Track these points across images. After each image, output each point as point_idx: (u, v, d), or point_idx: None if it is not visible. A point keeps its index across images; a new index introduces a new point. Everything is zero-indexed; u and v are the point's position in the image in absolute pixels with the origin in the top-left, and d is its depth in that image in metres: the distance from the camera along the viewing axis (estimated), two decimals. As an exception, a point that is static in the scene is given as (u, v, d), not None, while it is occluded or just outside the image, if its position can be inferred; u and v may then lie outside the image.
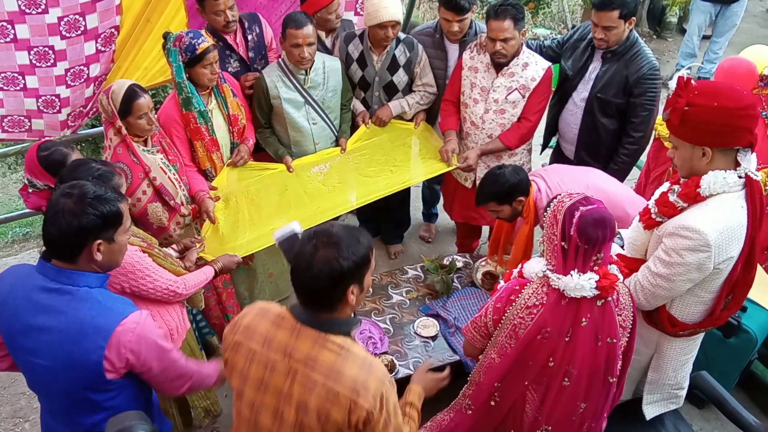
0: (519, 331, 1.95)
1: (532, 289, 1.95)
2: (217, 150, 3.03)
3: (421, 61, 3.42)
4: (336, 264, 1.51)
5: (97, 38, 2.93)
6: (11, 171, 5.47)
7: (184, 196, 2.89)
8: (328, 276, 1.51)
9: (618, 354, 1.99)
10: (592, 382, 1.99)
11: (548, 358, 1.94)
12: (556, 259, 1.91)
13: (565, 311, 1.90)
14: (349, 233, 1.57)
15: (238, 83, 3.19)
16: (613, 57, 3.17)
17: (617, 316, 1.95)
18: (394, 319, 3.03)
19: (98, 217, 1.68)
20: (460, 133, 3.48)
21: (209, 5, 3.03)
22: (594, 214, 1.84)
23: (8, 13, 2.64)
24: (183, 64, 2.80)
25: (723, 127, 1.91)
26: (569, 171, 3.00)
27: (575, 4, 7.83)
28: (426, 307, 3.09)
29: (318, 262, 1.51)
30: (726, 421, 2.50)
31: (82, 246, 1.68)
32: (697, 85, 1.94)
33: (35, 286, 1.72)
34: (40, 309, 1.70)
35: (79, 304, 1.70)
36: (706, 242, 1.94)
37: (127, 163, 2.64)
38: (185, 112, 2.88)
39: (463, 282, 3.26)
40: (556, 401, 2.00)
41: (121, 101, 2.55)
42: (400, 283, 3.26)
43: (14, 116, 3.13)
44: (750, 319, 2.93)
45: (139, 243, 2.29)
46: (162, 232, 2.85)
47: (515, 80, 3.19)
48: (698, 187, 1.99)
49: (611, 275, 1.89)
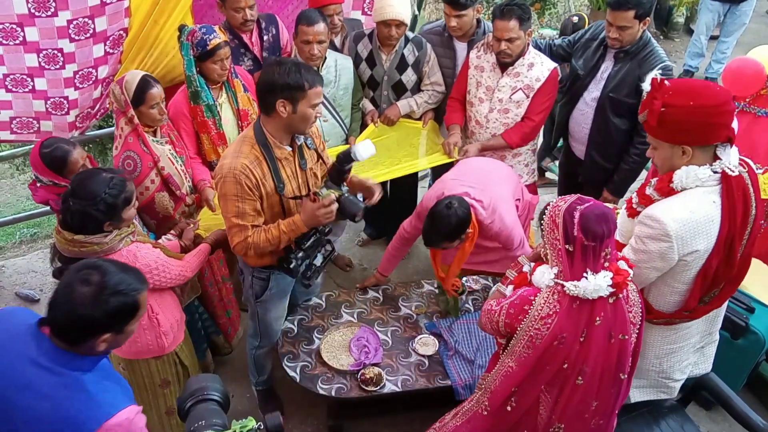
0: (536, 342, 1.94)
1: (543, 299, 1.93)
2: (223, 144, 3.06)
3: (429, 60, 3.43)
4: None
5: (106, 41, 2.95)
6: (19, 172, 5.50)
7: (189, 187, 2.97)
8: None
9: (629, 350, 1.99)
10: (604, 379, 1.99)
11: (563, 361, 1.93)
12: (563, 264, 1.89)
13: (579, 313, 1.89)
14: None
15: (251, 78, 3.22)
16: (625, 57, 3.15)
17: (628, 313, 1.94)
18: (396, 332, 2.93)
19: (114, 313, 1.57)
20: (465, 131, 3.49)
21: (230, 1, 3.08)
22: (595, 210, 1.83)
23: (18, 16, 2.65)
24: (194, 58, 2.85)
25: (701, 126, 1.94)
26: (475, 173, 3.01)
27: (581, 4, 7.81)
28: (431, 325, 2.97)
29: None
30: (734, 423, 2.50)
31: (88, 338, 1.57)
32: (671, 86, 1.96)
33: (26, 356, 1.55)
34: (24, 385, 1.53)
35: (68, 393, 1.53)
36: (666, 232, 1.97)
37: (137, 152, 2.72)
38: (193, 105, 2.93)
39: (478, 305, 3.09)
40: (569, 400, 2.00)
41: (134, 91, 2.66)
42: (413, 296, 3.15)
43: (23, 118, 3.15)
44: (758, 321, 2.92)
45: (149, 241, 2.36)
46: (167, 221, 2.92)
47: (520, 80, 3.19)
48: (671, 182, 2.02)
49: (623, 271, 1.89)
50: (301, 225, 2.33)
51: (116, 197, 2.13)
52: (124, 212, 2.19)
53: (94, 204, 2.09)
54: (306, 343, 2.84)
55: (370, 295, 3.11)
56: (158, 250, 2.35)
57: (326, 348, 2.82)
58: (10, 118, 3.14)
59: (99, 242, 2.14)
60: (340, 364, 2.74)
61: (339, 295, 3.10)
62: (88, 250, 2.13)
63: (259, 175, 2.29)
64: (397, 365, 2.76)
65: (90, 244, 2.13)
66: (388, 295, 3.13)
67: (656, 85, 1.98)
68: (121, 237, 2.21)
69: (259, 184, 2.30)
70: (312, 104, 2.24)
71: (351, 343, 2.84)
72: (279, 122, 2.26)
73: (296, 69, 2.20)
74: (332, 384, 2.67)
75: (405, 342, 2.87)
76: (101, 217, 2.12)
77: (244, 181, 2.26)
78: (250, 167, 2.26)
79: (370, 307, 3.05)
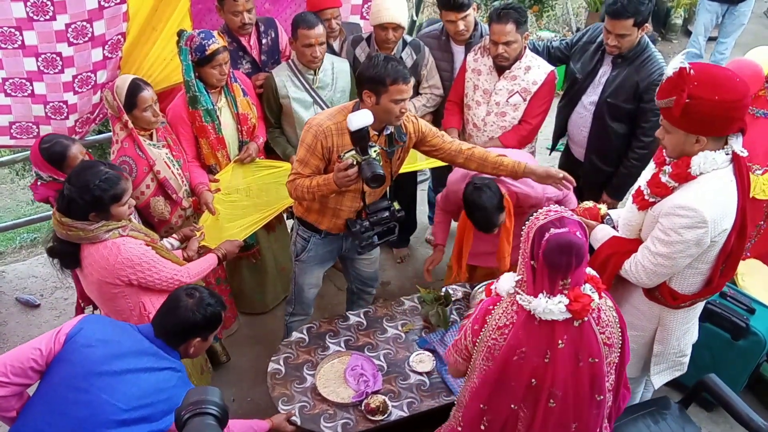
0: (494, 353, 1.88)
1: (502, 309, 1.88)
2: (222, 148, 3.07)
3: (427, 64, 3.44)
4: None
5: (105, 45, 2.95)
6: (19, 177, 5.51)
7: (186, 191, 2.97)
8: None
9: (604, 372, 1.89)
10: (580, 402, 1.90)
11: (530, 378, 1.86)
12: (527, 275, 1.83)
13: (539, 331, 1.82)
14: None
15: (251, 82, 3.23)
16: (623, 62, 3.14)
17: (599, 335, 1.85)
18: (388, 354, 2.78)
19: (209, 318, 2.04)
20: (463, 134, 3.49)
21: (228, 4, 3.09)
22: (560, 240, 1.72)
23: (16, 20, 2.66)
24: (192, 63, 2.85)
25: (722, 120, 1.98)
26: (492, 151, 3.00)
27: (579, 6, 7.82)
28: (423, 341, 2.85)
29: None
30: (735, 424, 2.49)
31: (188, 338, 2.03)
32: (695, 75, 1.95)
33: (141, 347, 1.96)
34: (145, 368, 1.92)
35: (175, 374, 1.97)
36: (703, 219, 2.02)
37: (133, 157, 2.73)
38: (191, 110, 2.93)
39: (462, 314, 2.99)
40: (544, 422, 1.92)
41: (125, 95, 2.66)
42: (396, 315, 3.00)
43: (22, 123, 3.16)
44: (759, 322, 2.92)
45: (143, 237, 2.34)
46: (163, 225, 2.93)
47: (517, 83, 3.20)
48: (689, 167, 2.05)
49: (584, 297, 1.79)
50: (332, 183, 2.46)
51: (104, 191, 2.16)
52: (112, 208, 2.21)
53: (82, 193, 2.15)
54: (298, 383, 2.64)
55: (352, 321, 2.96)
56: (149, 248, 2.32)
57: (322, 383, 2.63)
58: (9, 123, 3.14)
59: (83, 228, 2.19)
60: (341, 398, 2.57)
61: (320, 326, 2.92)
62: (73, 234, 2.20)
63: (337, 143, 2.49)
64: (399, 389, 2.63)
65: (75, 229, 2.19)
66: (371, 318, 2.98)
67: (682, 76, 1.96)
68: (108, 229, 2.23)
69: (332, 150, 2.50)
70: (393, 99, 2.39)
71: (346, 374, 2.67)
72: (366, 109, 2.44)
73: (384, 64, 2.37)
74: (336, 420, 2.50)
75: (401, 363, 2.74)
76: (86, 206, 2.17)
77: (321, 140, 2.49)
78: (332, 133, 2.49)
79: (355, 333, 2.89)
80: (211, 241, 2.88)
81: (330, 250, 2.96)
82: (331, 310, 3.82)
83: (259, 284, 3.64)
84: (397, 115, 2.45)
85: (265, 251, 3.51)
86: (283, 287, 3.74)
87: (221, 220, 3.05)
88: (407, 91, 2.41)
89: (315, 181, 2.52)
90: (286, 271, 3.63)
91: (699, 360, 2.78)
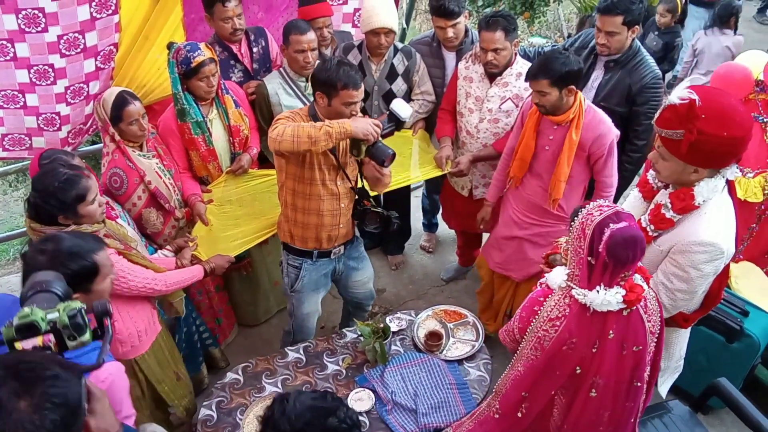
0: (544, 344, 1.92)
1: (554, 301, 1.93)
2: (214, 160, 3.07)
3: (419, 70, 3.45)
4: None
5: (97, 56, 2.95)
6: (12, 189, 5.50)
7: (178, 200, 2.95)
8: None
9: (646, 360, 1.96)
10: (618, 391, 1.97)
11: (575, 367, 1.92)
12: (581, 271, 1.87)
13: (591, 323, 1.87)
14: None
15: (243, 93, 3.23)
16: (615, 66, 3.17)
17: (647, 323, 1.92)
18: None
19: (73, 274, 1.76)
20: (457, 141, 3.50)
21: (218, 12, 3.08)
22: (625, 234, 1.76)
23: (8, 32, 2.66)
24: (179, 76, 2.85)
25: (727, 155, 1.98)
26: None
27: (570, 12, 7.88)
28: (362, 378, 2.71)
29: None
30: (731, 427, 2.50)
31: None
32: (702, 108, 1.90)
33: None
34: None
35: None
36: (721, 250, 2.04)
37: (123, 168, 2.72)
38: (180, 123, 2.92)
39: (406, 345, 2.87)
40: (582, 411, 1.98)
41: (111, 108, 2.65)
42: (337, 348, 2.86)
43: (15, 135, 3.15)
44: (753, 324, 2.92)
45: (116, 246, 2.30)
46: (157, 237, 2.91)
47: (509, 90, 3.21)
48: (693, 200, 2.06)
49: (637, 287, 1.86)
50: (349, 126, 2.42)
51: (65, 192, 2.15)
52: (79, 208, 2.19)
53: (45, 197, 2.16)
54: (230, 430, 2.48)
55: (291, 358, 2.82)
56: (120, 257, 2.28)
57: (249, 429, 2.42)
58: (2, 135, 3.13)
59: None
60: None
61: (257, 365, 2.78)
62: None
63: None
64: None
65: (44, 234, 2.16)
66: (311, 354, 2.85)
67: (692, 111, 1.90)
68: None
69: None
70: (344, 102, 2.47)
71: None
72: (320, 109, 2.56)
73: (337, 69, 2.43)
74: None
75: None
76: (51, 210, 2.17)
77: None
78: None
79: (293, 371, 2.76)
80: (205, 251, 2.87)
81: (324, 274, 2.96)
82: (326, 318, 3.80)
83: (252, 297, 3.63)
84: (347, 117, 2.49)
85: (258, 265, 3.49)
86: (276, 300, 3.73)
87: (215, 231, 3.04)
88: (357, 97, 2.49)
89: (319, 124, 2.42)
90: (279, 285, 3.61)
91: (694, 363, 2.79)
